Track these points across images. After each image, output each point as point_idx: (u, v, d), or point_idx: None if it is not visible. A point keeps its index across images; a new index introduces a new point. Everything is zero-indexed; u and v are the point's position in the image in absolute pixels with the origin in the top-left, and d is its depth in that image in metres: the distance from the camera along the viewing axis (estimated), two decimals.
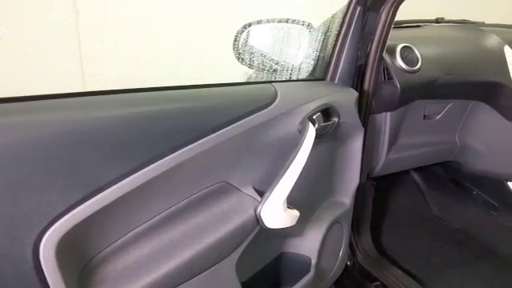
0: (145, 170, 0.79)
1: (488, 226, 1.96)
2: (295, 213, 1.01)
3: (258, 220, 0.95)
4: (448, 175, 2.09)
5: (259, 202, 0.95)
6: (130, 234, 0.84)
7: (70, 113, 0.77)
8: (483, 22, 2.00)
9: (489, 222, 1.96)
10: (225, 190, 0.98)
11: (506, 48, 1.72)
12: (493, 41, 1.74)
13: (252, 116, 0.96)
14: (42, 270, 0.70)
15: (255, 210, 0.95)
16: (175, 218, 0.90)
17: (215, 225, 0.94)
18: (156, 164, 0.81)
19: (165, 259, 0.86)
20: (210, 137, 0.89)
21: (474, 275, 1.76)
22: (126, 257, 0.83)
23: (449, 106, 1.71)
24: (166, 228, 0.89)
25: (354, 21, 1.23)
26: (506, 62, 1.69)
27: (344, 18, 1.24)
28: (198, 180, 0.93)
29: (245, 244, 0.99)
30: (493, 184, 1.86)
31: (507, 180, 1.80)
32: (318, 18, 1.37)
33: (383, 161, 1.61)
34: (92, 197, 0.74)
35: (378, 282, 1.54)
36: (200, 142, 0.87)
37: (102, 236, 0.81)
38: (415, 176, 2.25)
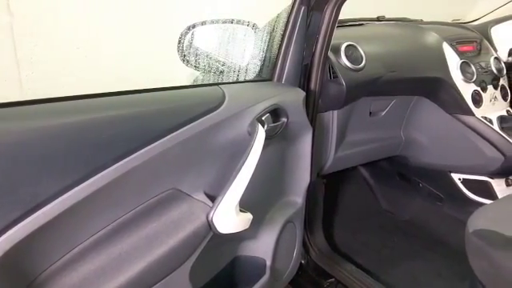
0: (88, 181, 0.76)
1: (434, 216, 2.03)
2: (248, 216, 1.00)
3: (210, 226, 0.93)
4: (395, 169, 2.15)
5: (211, 208, 0.93)
6: (75, 250, 0.80)
7: (3, 124, 0.72)
8: (422, 20, 2.06)
9: (435, 213, 2.03)
10: (175, 197, 0.95)
11: (445, 45, 1.78)
12: (432, 38, 1.80)
13: (200, 120, 0.94)
14: None
15: (207, 216, 0.93)
16: (123, 229, 0.86)
17: (166, 234, 0.91)
18: (100, 175, 0.77)
19: (114, 274, 0.83)
20: (156, 143, 0.86)
21: (423, 265, 1.81)
22: (72, 274, 0.79)
23: (393, 102, 1.75)
24: (114, 241, 0.85)
25: (299, 21, 1.23)
26: (445, 58, 1.75)
27: (288, 18, 1.24)
28: (146, 189, 0.89)
29: (198, 251, 0.97)
30: (437, 176, 1.92)
31: (450, 171, 1.87)
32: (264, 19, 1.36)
33: (332, 158, 1.63)
34: (30, 214, 0.69)
35: (333, 279, 1.55)
36: (146, 149, 0.84)
37: (45, 254, 0.76)
38: (363, 172, 2.30)
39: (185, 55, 1.37)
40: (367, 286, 1.50)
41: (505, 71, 1.92)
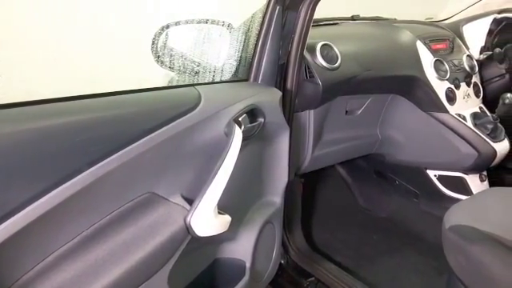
0: (61, 187, 0.73)
1: (411, 213, 2.06)
2: (227, 218, 0.99)
3: (188, 229, 0.92)
4: (371, 167, 2.17)
5: (188, 211, 0.92)
6: (49, 259, 0.78)
7: None
8: (395, 19, 2.08)
9: (412, 209, 2.05)
10: (151, 201, 0.93)
11: (418, 43, 1.80)
12: (406, 36, 1.82)
13: (176, 121, 0.93)
14: None
15: (185, 220, 0.92)
16: (99, 235, 0.84)
17: (143, 239, 0.89)
18: (74, 180, 0.75)
19: (91, 281, 0.81)
20: (131, 146, 0.84)
21: (401, 261, 1.83)
22: (46, 283, 0.77)
23: (369, 100, 1.76)
24: (90, 247, 0.83)
25: (274, 20, 1.22)
26: (419, 57, 1.77)
27: (263, 17, 1.23)
28: (122, 194, 0.87)
29: (176, 255, 0.96)
30: (413, 173, 1.95)
31: (426, 168, 1.90)
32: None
33: (309, 157, 1.63)
34: (0, 223, 0.67)
35: (313, 278, 1.56)
36: (121, 152, 0.82)
37: (17, 264, 0.74)
38: (341, 170, 2.31)
39: (159, 56, 1.35)
40: (347, 283, 1.50)
41: (477, 69, 1.95)
